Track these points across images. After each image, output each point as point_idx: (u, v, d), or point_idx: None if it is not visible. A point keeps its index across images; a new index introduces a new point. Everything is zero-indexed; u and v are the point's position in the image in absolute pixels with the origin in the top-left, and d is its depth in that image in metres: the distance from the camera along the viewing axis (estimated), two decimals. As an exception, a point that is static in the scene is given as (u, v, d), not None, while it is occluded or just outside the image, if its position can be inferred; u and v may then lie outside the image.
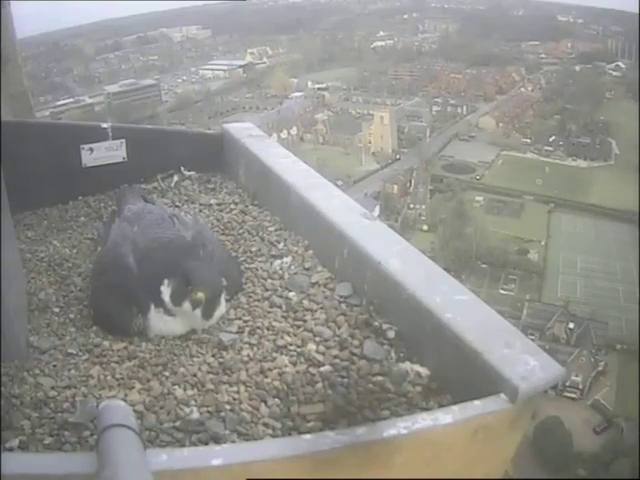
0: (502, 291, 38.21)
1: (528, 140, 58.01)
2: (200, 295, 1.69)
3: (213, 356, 1.66)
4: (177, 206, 2.54)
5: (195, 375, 1.57)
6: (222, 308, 1.82)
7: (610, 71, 69.78)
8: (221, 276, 1.83)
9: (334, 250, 1.94)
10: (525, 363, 1.34)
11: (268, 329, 1.75)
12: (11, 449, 1.33)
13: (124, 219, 2.10)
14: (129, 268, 1.84)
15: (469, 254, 40.17)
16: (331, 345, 1.66)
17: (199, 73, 76.67)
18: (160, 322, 1.76)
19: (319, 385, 1.52)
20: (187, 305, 1.71)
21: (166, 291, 1.74)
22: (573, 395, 29.60)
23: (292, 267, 2.03)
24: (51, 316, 1.91)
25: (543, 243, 43.60)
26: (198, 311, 1.72)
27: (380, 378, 1.52)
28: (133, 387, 1.54)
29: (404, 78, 69.72)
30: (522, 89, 68.00)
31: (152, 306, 1.76)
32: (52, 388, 1.55)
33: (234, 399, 1.48)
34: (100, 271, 1.97)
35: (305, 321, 1.77)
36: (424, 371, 1.54)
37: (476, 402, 1.29)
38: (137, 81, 68.83)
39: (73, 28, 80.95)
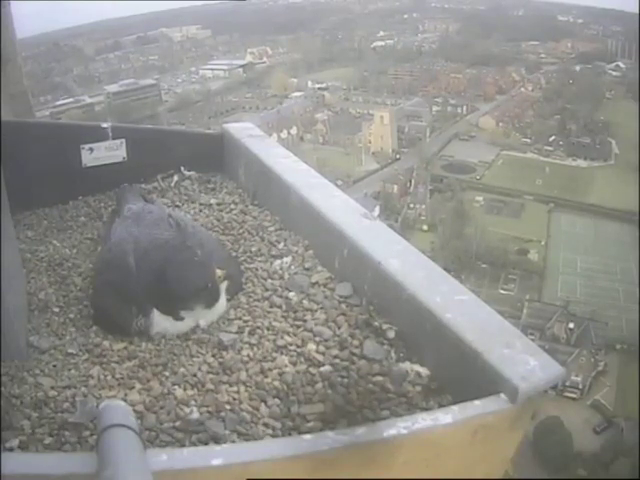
0: (502, 291, 38.17)
1: (528, 140, 57.88)
2: (219, 271, 1.77)
3: (213, 356, 1.66)
4: (177, 206, 2.54)
5: (195, 375, 1.57)
6: (222, 307, 1.82)
7: (610, 71, 69.66)
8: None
9: (334, 250, 1.94)
10: (525, 363, 1.34)
11: (268, 329, 1.75)
12: (11, 449, 1.33)
13: (124, 219, 2.10)
14: (129, 268, 1.83)
15: (469, 254, 40.10)
16: (331, 345, 1.66)
17: (199, 73, 76.54)
18: (166, 322, 1.76)
19: (319, 385, 1.51)
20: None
21: (190, 313, 1.76)
22: (573, 395, 29.57)
23: (292, 267, 2.03)
24: (51, 316, 1.91)
25: (543, 243, 43.54)
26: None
27: (380, 378, 1.51)
28: (133, 387, 1.54)
29: (404, 78, 69.60)
30: (522, 89, 67.86)
31: (154, 308, 1.76)
32: (52, 388, 1.55)
33: (234, 399, 1.48)
34: (100, 271, 1.97)
35: (305, 321, 1.77)
36: (424, 371, 1.54)
37: (476, 402, 1.29)
38: (137, 81, 68.68)
39: (73, 28, 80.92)
